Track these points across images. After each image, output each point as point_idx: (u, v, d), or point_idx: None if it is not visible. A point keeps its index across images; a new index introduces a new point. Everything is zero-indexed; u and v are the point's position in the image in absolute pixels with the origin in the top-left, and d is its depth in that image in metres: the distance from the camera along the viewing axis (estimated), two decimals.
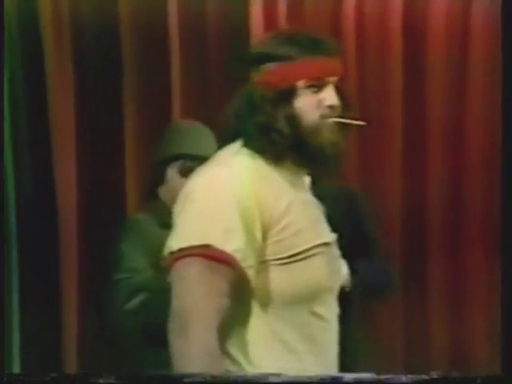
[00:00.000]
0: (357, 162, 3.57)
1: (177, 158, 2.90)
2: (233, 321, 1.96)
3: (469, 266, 3.57)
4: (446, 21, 3.49)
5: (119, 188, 3.48)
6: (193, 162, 2.85)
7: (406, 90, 3.54)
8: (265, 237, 1.94)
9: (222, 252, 1.89)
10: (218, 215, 1.91)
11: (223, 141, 2.08)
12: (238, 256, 1.90)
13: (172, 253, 1.92)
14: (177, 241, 1.92)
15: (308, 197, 2.11)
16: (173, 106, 3.50)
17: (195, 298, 1.89)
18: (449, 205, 3.55)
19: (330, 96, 2.01)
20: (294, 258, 1.97)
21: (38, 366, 3.37)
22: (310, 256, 1.99)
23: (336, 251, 2.11)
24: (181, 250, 1.90)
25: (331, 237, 2.09)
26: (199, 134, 2.95)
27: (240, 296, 1.95)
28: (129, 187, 3.48)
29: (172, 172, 2.90)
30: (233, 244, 1.90)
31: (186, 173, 2.85)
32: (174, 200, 2.80)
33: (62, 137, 3.47)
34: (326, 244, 2.04)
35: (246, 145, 2.02)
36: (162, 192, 2.92)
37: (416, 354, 3.58)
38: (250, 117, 2.01)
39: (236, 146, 2.03)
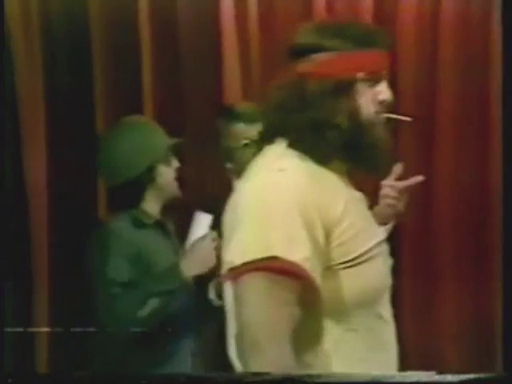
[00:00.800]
0: None
1: (166, 151, 2.90)
2: (304, 331, 1.84)
3: (439, 265, 3.59)
4: (416, 18, 3.49)
5: (91, 189, 3.46)
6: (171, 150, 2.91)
7: None
8: (328, 241, 1.83)
9: (291, 263, 1.77)
10: (279, 224, 1.78)
11: (260, 141, 1.96)
12: (307, 265, 1.78)
13: (234, 268, 1.80)
14: (238, 255, 1.79)
15: (358, 194, 2.00)
16: (144, 104, 3.49)
17: (266, 313, 1.77)
18: (419, 204, 3.57)
19: (384, 91, 1.93)
20: (358, 259, 1.87)
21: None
22: (372, 256, 1.90)
23: (386, 247, 2.02)
24: (245, 264, 1.78)
25: (383, 233, 2.02)
26: (155, 125, 2.96)
27: (308, 305, 1.83)
28: (101, 187, 3.47)
29: (162, 167, 2.88)
30: (300, 253, 1.77)
31: (169, 162, 2.89)
32: (161, 196, 2.85)
33: (32, 137, 3.44)
34: (380, 242, 1.96)
35: (293, 144, 1.90)
36: (147, 193, 2.90)
37: None
38: (300, 112, 1.88)
39: (280, 147, 1.92)
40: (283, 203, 1.79)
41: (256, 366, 1.75)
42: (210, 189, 3.33)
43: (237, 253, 1.80)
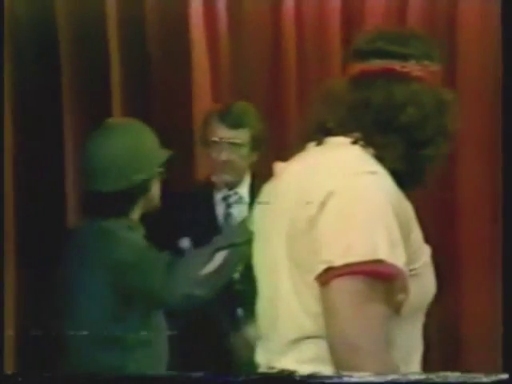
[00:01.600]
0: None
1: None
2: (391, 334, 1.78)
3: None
4: (383, 17, 3.52)
5: (58, 191, 3.43)
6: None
7: None
8: (405, 247, 1.76)
9: (396, 268, 1.71)
10: (382, 227, 1.72)
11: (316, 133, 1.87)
12: (406, 270, 1.73)
13: (332, 268, 1.69)
14: (339, 255, 1.69)
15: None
16: (113, 106, 3.48)
17: (369, 317, 1.70)
18: None
19: None
20: (421, 268, 1.82)
21: None
22: (428, 264, 1.85)
23: None
24: (347, 265, 1.68)
25: None
26: (151, 134, 2.83)
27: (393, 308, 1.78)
28: (68, 188, 3.44)
29: (156, 181, 2.80)
30: (401, 258, 1.72)
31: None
32: (148, 206, 2.77)
33: None
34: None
35: (370, 145, 1.82)
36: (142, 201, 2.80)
37: None
38: (387, 114, 1.81)
39: (356, 147, 1.84)
40: (383, 206, 1.74)
41: (360, 367, 1.68)
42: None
43: (337, 253, 1.70)
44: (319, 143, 1.87)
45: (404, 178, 1.83)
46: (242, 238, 2.46)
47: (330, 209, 1.73)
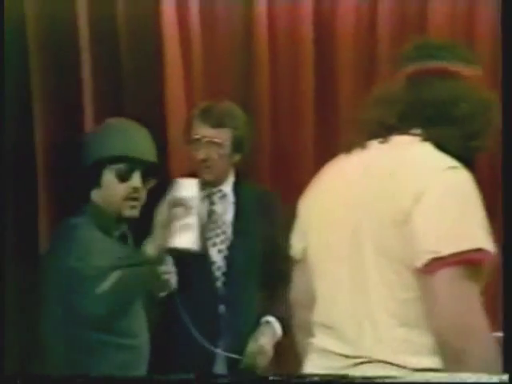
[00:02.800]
0: (268, 161, 3.63)
1: (115, 160, 2.71)
2: None
3: None
4: (355, 20, 3.59)
5: (30, 191, 3.39)
6: (133, 165, 2.73)
7: (317, 88, 3.62)
8: None
9: (490, 254, 1.86)
10: (479, 217, 1.87)
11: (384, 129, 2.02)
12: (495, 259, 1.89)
13: (439, 258, 1.82)
14: (444, 245, 1.83)
15: None
16: (84, 105, 3.45)
17: (474, 299, 1.84)
18: None
19: None
20: None
21: None
22: None
23: None
24: (453, 255, 1.82)
25: None
26: (139, 137, 2.80)
27: None
28: (40, 189, 3.40)
29: (110, 176, 2.73)
30: (493, 246, 1.87)
31: (124, 177, 2.73)
32: (111, 204, 2.74)
33: None
34: None
35: (433, 139, 1.98)
36: (97, 196, 2.75)
37: None
38: (449, 108, 2.00)
39: (426, 144, 1.98)
40: (475, 197, 1.89)
41: (475, 352, 1.81)
42: None
43: (443, 244, 1.83)
44: (384, 141, 2.01)
45: None
46: (136, 259, 2.53)
47: (426, 202, 1.86)
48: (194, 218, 2.52)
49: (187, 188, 2.53)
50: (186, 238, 2.50)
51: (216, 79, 3.58)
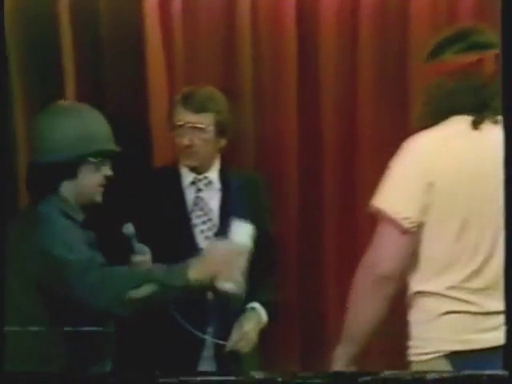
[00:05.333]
0: (252, 147, 3.63)
1: (97, 154, 2.75)
2: None
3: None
4: (338, 5, 3.59)
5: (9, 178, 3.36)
6: (106, 156, 2.77)
7: (300, 74, 3.62)
8: None
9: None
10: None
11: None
12: None
13: None
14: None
15: None
16: (66, 94, 3.42)
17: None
18: (345, 190, 3.65)
19: None
20: None
21: None
22: None
23: None
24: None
25: None
26: (103, 126, 2.81)
27: None
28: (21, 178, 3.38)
29: (87, 168, 2.75)
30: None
31: (99, 168, 2.77)
32: (84, 193, 2.75)
33: None
34: None
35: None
36: (66, 187, 2.76)
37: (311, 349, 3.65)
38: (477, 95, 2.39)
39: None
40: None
41: None
42: None
43: None
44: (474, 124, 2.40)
45: None
46: (180, 283, 2.55)
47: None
48: (246, 264, 2.61)
49: (246, 234, 2.63)
50: (237, 283, 2.59)
51: (198, 66, 3.57)
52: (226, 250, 2.57)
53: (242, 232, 2.62)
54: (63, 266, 2.58)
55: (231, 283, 2.56)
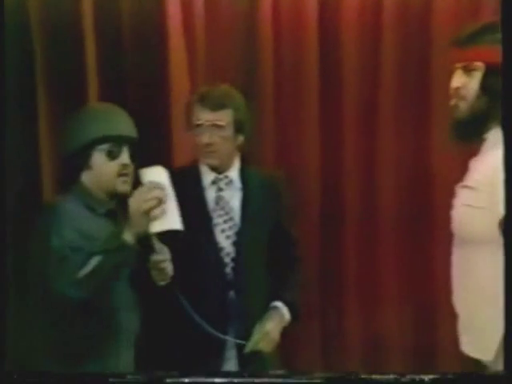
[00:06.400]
0: (272, 148, 3.63)
1: (103, 140, 2.85)
2: None
3: (385, 257, 3.66)
4: (360, 6, 3.59)
5: (34, 175, 3.39)
6: (119, 143, 2.87)
7: (321, 74, 3.63)
8: None
9: None
10: None
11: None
12: None
13: None
14: None
15: None
16: (89, 94, 3.44)
17: None
18: (366, 189, 3.64)
19: None
20: None
21: None
22: None
23: None
24: None
25: None
26: (119, 116, 2.93)
27: None
28: (45, 173, 3.40)
29: (99, 156, 2.86)
30: None
31: (114, 155, 2.87)
32: (102, 183, 2.85)
33: None
34: None
35: None
36: (86, 177, 2.88)
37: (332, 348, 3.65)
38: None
39: None
40: None
41: None
42: None
43: None
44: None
45: None
46: (114, 245, 2.62)
47: None
48: (173, 201, 2.63)
49: (158, 174, 2.65)
50: (169, 220, 2.60)
51: (220, 67, 3.58)
52: (144, 194, 2.60)
53: (153, 173, 2.65)
54: (45, 253, 2.69)
55: (166, 222, 2.59)
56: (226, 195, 3.15)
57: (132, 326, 2.91)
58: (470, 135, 2.56)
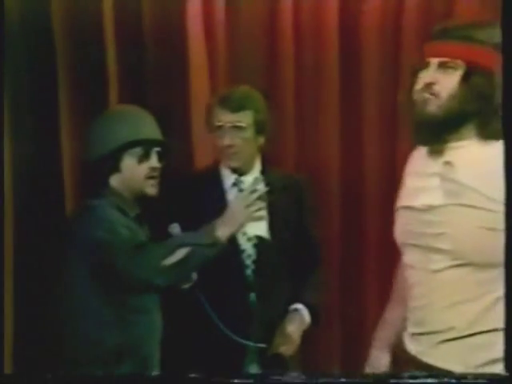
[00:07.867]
0: (293, 151, 3.63)
1: (135, 144, 2.87)
2: None
3: None
4: (381, 10, 3.59)
5: (56, 180, 3.40)
6: (149, 147, 2.89)
7: (342, 78, 3.64)
8: None
9: None
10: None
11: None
12: None
13: None
14: None
15: None
16: (110, 96, 3.45)
17: None
18: (387, 190, 3.62)
19: None
20: None
21: None
22: None
23: None
24: None
25: None
26: (146, 118, 2.95)
27: None
28: (66, 177, 3.41)
29: (129, 159, 2.88)
30: None
31: (144, 159, 2.89)
32: (132, 186, 2.87)
33: None
34: None
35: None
36: (115, 181, 2.90)
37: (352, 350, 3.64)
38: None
39: None
40: None
41: None
42: None
43: None
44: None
45: None
46: (207, 240, 2.67)
47: None
48: (265, 211, 2.78)
49: (258, 183, 2.80)
50: (260, 227, 2.87)
51: (240, 70, 3.59)
52: (250, 197, 2.74)
53: (258, 181, 2.82)
54: (107, 247, 2.72)
55: (261, 227, 2.86)
56: None
57: (160, 327, 2.93)
58: (435, 139, 2.35)
